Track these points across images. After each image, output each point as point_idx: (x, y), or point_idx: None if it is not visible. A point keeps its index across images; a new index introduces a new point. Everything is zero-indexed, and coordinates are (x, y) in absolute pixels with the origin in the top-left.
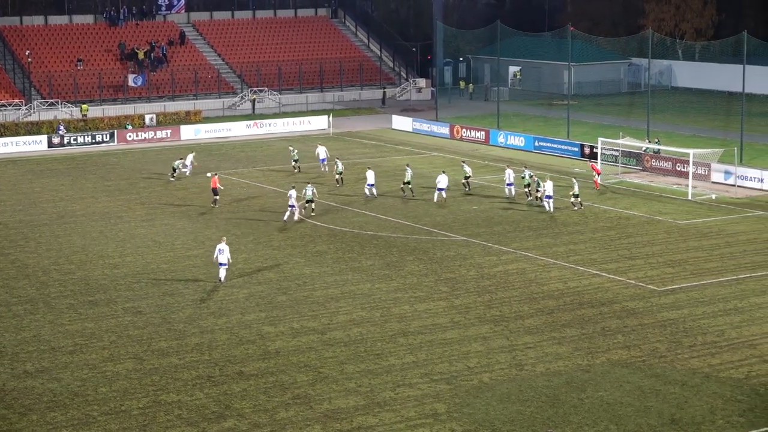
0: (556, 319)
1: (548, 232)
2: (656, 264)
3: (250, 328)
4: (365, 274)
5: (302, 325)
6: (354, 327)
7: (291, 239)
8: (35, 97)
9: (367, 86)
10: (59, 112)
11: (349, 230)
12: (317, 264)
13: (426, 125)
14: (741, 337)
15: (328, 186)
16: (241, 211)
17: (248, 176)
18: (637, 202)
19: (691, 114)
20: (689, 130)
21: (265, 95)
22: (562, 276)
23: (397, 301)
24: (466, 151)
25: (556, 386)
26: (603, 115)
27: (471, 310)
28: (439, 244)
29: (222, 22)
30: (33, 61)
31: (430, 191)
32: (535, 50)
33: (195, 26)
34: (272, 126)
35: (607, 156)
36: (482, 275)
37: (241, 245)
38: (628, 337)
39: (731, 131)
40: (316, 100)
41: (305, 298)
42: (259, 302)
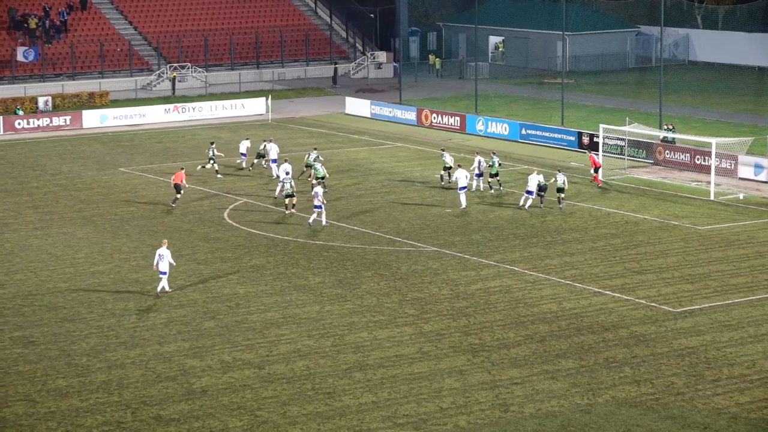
0: (548, 348)
1: (538, 241)
2: (671, 280)
3: (170, 362)
4: (313, 294)
5: (235, 358)
6: (299, 359)
7: (220, 251)
8: None
9: (315, 61)
10: None
11: (292, 239)
12: (253, 281)
13: (387, 109)
14: None
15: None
16: (159, 217)
17: (168, 173)
18: (647, 203)
19: (713, 94)
20: (711, 114)
21: (187, 73)
22: (555, 295)
23: (352, 327)
24: (437, 140)
25: (550, 431)
26: (605, 97)
27: (444, 338)
28: (405, 257)
29: None
30: None
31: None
32: (521, 17)
33: None
34: (197, 111)
35: (611, 147)
36: (457, 294)
37: None
38: (637, 370)
39: (763, 115)
40: (252, 79)
41: (238, 324)
42: (181, 329)
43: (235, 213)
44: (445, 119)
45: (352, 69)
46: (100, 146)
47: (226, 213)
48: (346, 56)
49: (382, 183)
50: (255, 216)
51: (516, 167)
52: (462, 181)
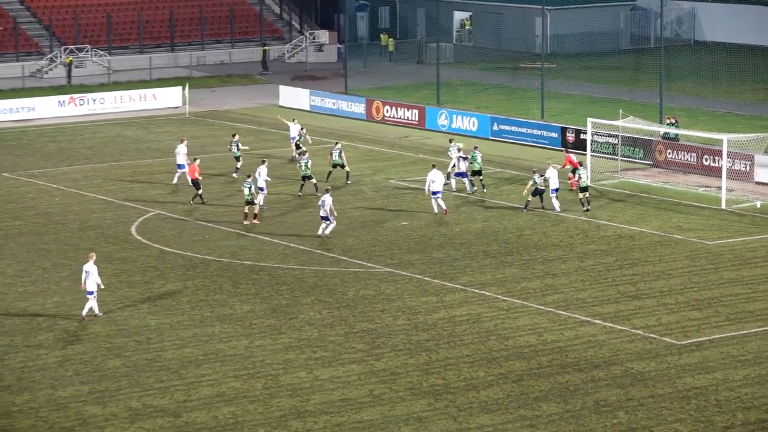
0: (526, 390)
1: (515, 259)
2: (674, 306)
3: (66, 410)
4: (240, 325)
5: (145, 404)
6: (224, 405)
7: (127, 273)
8: None
9: (242, 43)
10: None
11: (215, 259)
12: (167, 311)
13: (330, 100)
14: None
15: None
16: (51, 232)
17: (61, 180)
18: (645, 214)
19: (724, 81)
20: (722, 105)
21: (86, 57)
22: (535, 325)
23: (288, 366)
24: (391, 138)
25: None
26: (594, 85)
27: (400, 378)
28: (352, 279)
29: None
30: None
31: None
32: None
33: None
34: (98, 103)
35: (601, 145)
36: (416, 325)
37: (52, 283)
38: (634, 416)
39: None
40: (165, 64)
41: (149, 363)
42: (79, 370)
43: (145, 227)
44: (401, 112)
45: (287, 52)
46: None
47: (134, 227)
48: (280, 36)
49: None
50: (170, 231)
51: (486, 170)
52: (437, 185)
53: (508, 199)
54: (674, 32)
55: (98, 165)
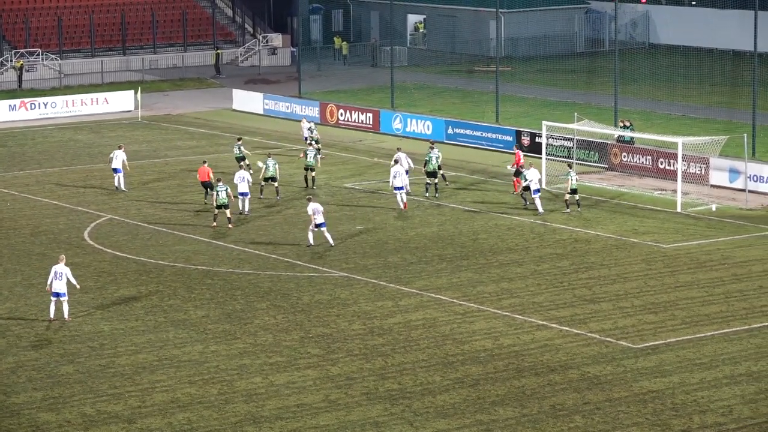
0: (483, 394)
1: (470, 263)
2: (630, 309)
3: (19, 416)
4: (194, 331)
5: (99, 410)
6: (179, 411)
7: (80, 279)
8: None
9: (195, 46)
10: None
11: (169, 264)
12: (121, 316)
13: (284, 104)
14: (758, 416)
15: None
16: (3, 237)
17: (12, 184)
18: (601, 217)
19: (679, 84)
20: (677, 108)
21: (37, 61)
22: (491, 329)
23: (243, 371)
24: (345, 142)
25: None
26: (549, 88)
27: (355, 383)
28: (307, 284)
29: None
30: None
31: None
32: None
33: None
34: (50, 107)
35: (556, 148)
36: (371, 330)
37: (4, 289)
38: (590, 419)
39: (739, 110)
40: (117, 68)
41: (103, 369)
42: (32, 376)
43: (98, 232)
44: (355, 116)
45: (240, 55)
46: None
47: (86, 232)
48: (233, 40)
49: (278, 194)
50: (123, 236)
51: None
52: (399, 180)
53: (464, 203)
54: (629, 35)
55: (50, 170)
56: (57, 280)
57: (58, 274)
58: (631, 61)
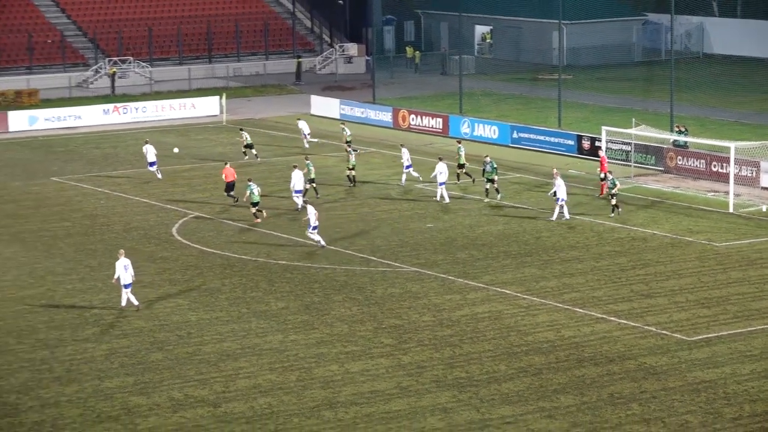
0: (545, 383)
1: (534, 260)
2: (685, 304)
3: (113, 400)
4: (275, 321)
5: (186, 394)
6: (260, 396)
7: (169, 272)
8: None
9: (276, 55)
10: None
11: (251, 259)
12: (207, 307)
13: (359, 109)
14: None
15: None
16: (97, 233)
17: (106, 184)
18: (657, 217)
19: (731, 92)
20: (729, 114)
21: (129, 68)
22: (553, 321)
23: (320, 359)
24: (417, 144)
25: None
26: (608, 95)
27: (426, 371)
28: (380, 278)
29: None
30: None
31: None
32: (512, 3)
33: None
34: (140, 112)
35: (615, 152)
36: (441, 321)
37: (98, 281)
38: (646, 407)
39: None
40: (203, 75)
41: (190, 356)
42: (124, 362)
43: (185, 228)
44: (426, 121)
45: (318, 63)
46: (29, 152)
47: (175, 228)
48: (312, 49)
49: (353, 194)
50: (208, 232)
51: (507, 175)
52: (442, 176)
53: (528, 203)
54: (684, 45)
55: (141, 170)
56: (124, 272)
57: (125, 266)
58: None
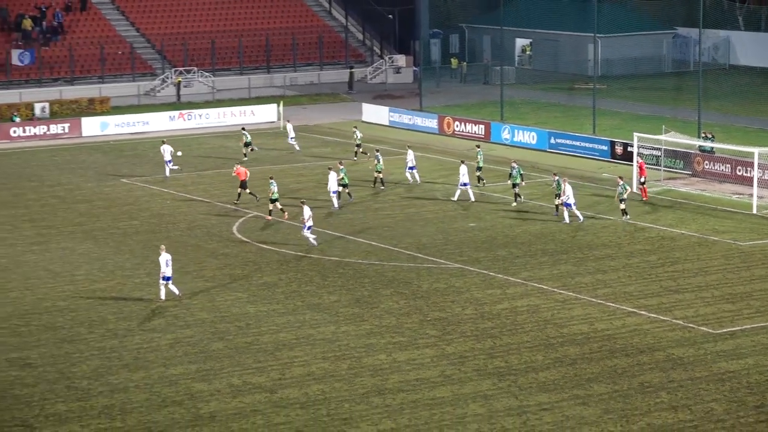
0: (579, 372)
1: (569, 257)
2: (711, 299)
3: (177, 386)
4: (328, 314)
5: (245, 381)
6: (313, 383)
7: (229, 267)
8: None
9: (329, 65)
10: None
11: (305, 255)
12: (264, 300)
13: (407, 117)
14: None
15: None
16: (164, 231)
17: (171, 185)
18: (685, 218)
19: (755, 101)
20: (753, 122)
21: (193, 77)
22: (587, 315)
23: (370, 349)
24: (461, 149)
25: None
26: (640, 103)
27: (468, 361)
28: (426, 274)
29: None
30: None
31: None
32: (550, 17)
33: None
34: (204, 118)
35: (646, 157)
36: (482, 314)
37: None
38: (674, 395)
39: None
40: (262, 84)
41: (249, 346)
42: (187, 351)
43: (244, 227)
44: (469, 127)
45: (369, 73)
46: (101, 156)
47: (235, 227)
48: (363, 60)
49: (401, 195)
50: (266, 230)
51: (544, 178)
52: (464, 177)
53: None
54: (711, 57)
55: (204, 172)
56: (166, 267)
57: (166, 261)
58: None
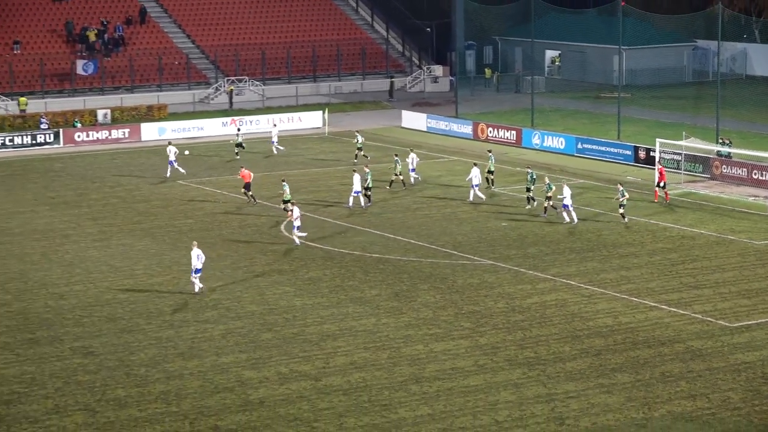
0: (604, 362)
1: (595, 255)
2: (728, 294)
3: (228, 373)
4: (369, 307)
5: (292, 369)
6: (355, 371)
7: (278, 263)
8: None
9: (371, 75)
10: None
11: (348, 252)
12: (310, 294)
13: (443, 123)
14: None
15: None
16: (216, 229)
17: (224, 186)
18: (704, 218)
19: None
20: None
21: (245, 86)
22: (611, 309)
23: (408, 340)
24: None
25: None
26: (662, 111)
27: (499, 351)
28: (460, 270)
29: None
30: None
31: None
32: (578, 31)
33: (158, 1)
34: (254, 124)
35: (668, 161)
36: (513, 308)
37: (216, 270)
38: (693, 385)
39: None
40: (309, 93)
41: (295, 336)
42: (238, 341)
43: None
44: (501, 133)
45: (408, 83)
46: (159, 159)
47: (283, 226)
48: (403, 70)
49: (437, 196)
50: (311, 229)
51: (571, 181)
52: (476, 179)
53: (590, 205)
54: (729, 68)
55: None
56: (197, 261)
57: (197, 255)
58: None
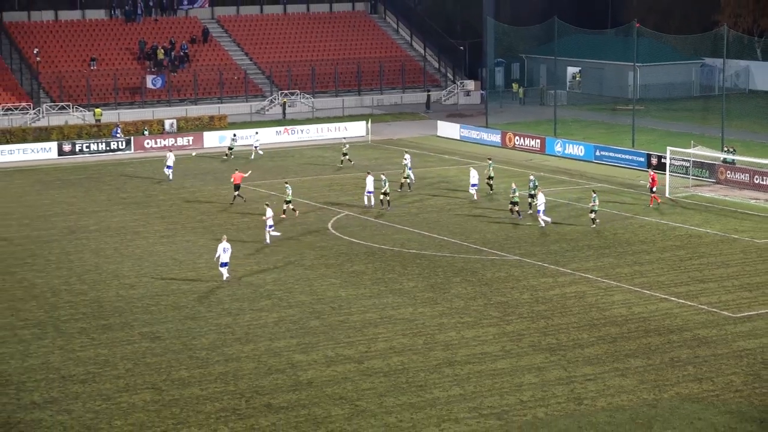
0: (619, 349)
1: (611, 251)
2: (731, 288)
3: (280, 356)
4: (407, 297)
5: (337, 353)
6: (394, 355)
7: (325, 258)
8: (44, 100)
9: (410, 89)
10: (70, 116)
11: (389, 248)
12: (354, 285)
13: (475, 132)
14: None
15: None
16: None
17: (277, 189)
18: (710, 219)
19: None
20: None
21: (296, 99)
22: (625, 300)
23: (442, 327)
24: (519, 160)
25: (619, 423)
26: (672, 122)
27: (524, 338)
28: (489, 265)
29: (249, 18)
30: (42, 60)
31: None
32: (596, 49)
33: (220, 22)
34: (304, 133)
35: (677, 167)
36: (537, 299)
37: (270, 264)
38: (699, 369)
39: None
40: (353, 104)
41: (341, 323)
42: (289, 327)
43: (338, 224)
44: (527, 141)
45: (443, 96)
46: (219, 164)
47: (330, 224)
48: (438, 84)
49: (470, 198)
50: (356, 227)
51: (589, 185)
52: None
53: (606, 207)
54: (733, 83)
55: (304, 178)
56: (224, 253)
57: (224, 248)
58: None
